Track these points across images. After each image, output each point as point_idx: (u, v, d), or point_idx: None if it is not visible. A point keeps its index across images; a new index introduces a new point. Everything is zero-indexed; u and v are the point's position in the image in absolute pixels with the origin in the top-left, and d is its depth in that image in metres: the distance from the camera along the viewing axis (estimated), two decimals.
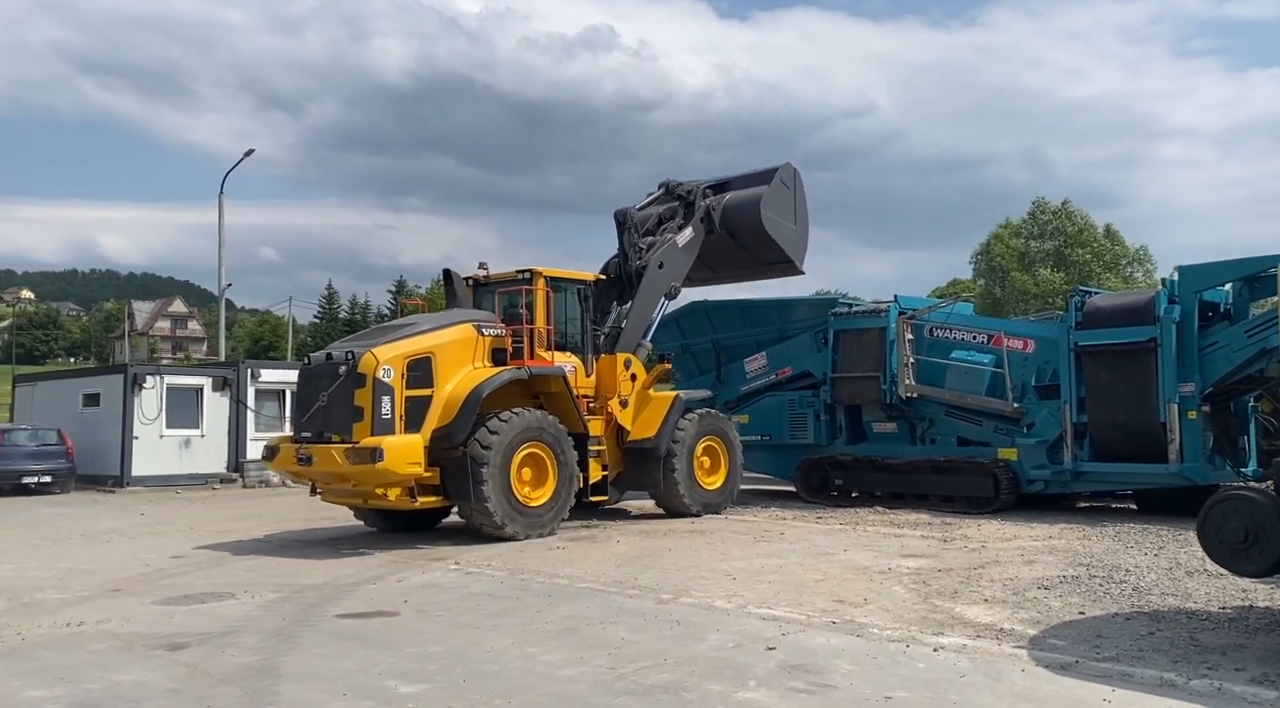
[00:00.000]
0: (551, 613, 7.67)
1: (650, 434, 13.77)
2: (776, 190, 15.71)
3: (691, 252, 15.33)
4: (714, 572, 9.46)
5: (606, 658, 6.26)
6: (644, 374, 14.30)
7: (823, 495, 16.03)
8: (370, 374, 11.11)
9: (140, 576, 9.89)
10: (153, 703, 5.45)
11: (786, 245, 15.95)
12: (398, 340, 11.72)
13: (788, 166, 16.09)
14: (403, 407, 11.24)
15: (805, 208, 16.42)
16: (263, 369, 22.75)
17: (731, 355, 17.85)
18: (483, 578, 9.39)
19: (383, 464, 10.73)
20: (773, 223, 15.62)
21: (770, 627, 7.09)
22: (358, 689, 5.65)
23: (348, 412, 11.16)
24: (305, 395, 11.90)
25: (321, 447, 11.29)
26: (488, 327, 12.50)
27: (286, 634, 7.10)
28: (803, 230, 16.35)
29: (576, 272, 13.80)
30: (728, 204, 15.71)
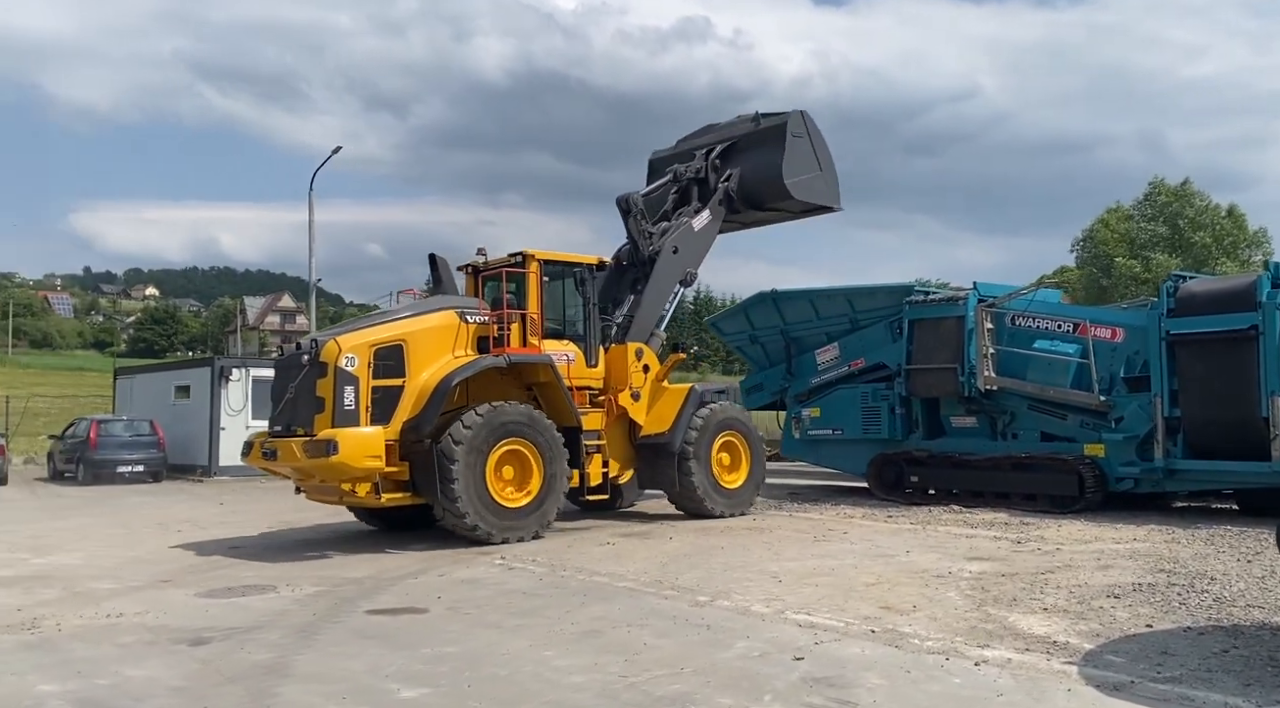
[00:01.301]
0: (581, 614, 7.42)
1: (663, 429, 12.94)
2: (793, 148, 14.49)
3: (710, 234, 14.53)
4: (761, 573, 9.08)
5: (623, 665, 5.98)
6: (658, 365, 13.41)
7: (897, 493, 15.41)
8: (332, 363, 10.47)
9: (193, 566, 10.04)
10: (155, 701, 5.40)
11: (819, 197, 15.03)
12: (366, 328, 11.16)
13: (796, 115, 14.73)
14: (369, 397, 10.57)
15: (825, 146, 15.11)
16: None
17: (802, 346, 17.32)
18: (523, 574, 9.22)
19: (337, 457, 10.07)
20: (800, 186, 14.57)
21: (804, 634, 6.70)
22: (359, 692, 5.50)
23: (311, 403, 10.59)
24: (277, 388, 11.37)
25: (283, 440, 10.76)
26: (472, 313, 11.71)
27: (311, 631, 7.03)
28: (829, 171, 15.13)
29: (576, 255, 12.94)
30: (745, 178, 14.63)
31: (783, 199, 14.79)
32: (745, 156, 14.84)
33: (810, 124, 14.86)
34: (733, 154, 14.94)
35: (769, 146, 14.51)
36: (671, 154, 15.70)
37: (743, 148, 14.92)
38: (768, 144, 14.55)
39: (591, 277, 12.79)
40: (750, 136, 14.83)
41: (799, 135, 14.57)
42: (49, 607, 8.06)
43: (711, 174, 14.70)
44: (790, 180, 14.41)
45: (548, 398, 11.91)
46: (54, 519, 15.09)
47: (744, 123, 15.18)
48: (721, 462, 13.41)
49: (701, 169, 14.71)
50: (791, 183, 14.44)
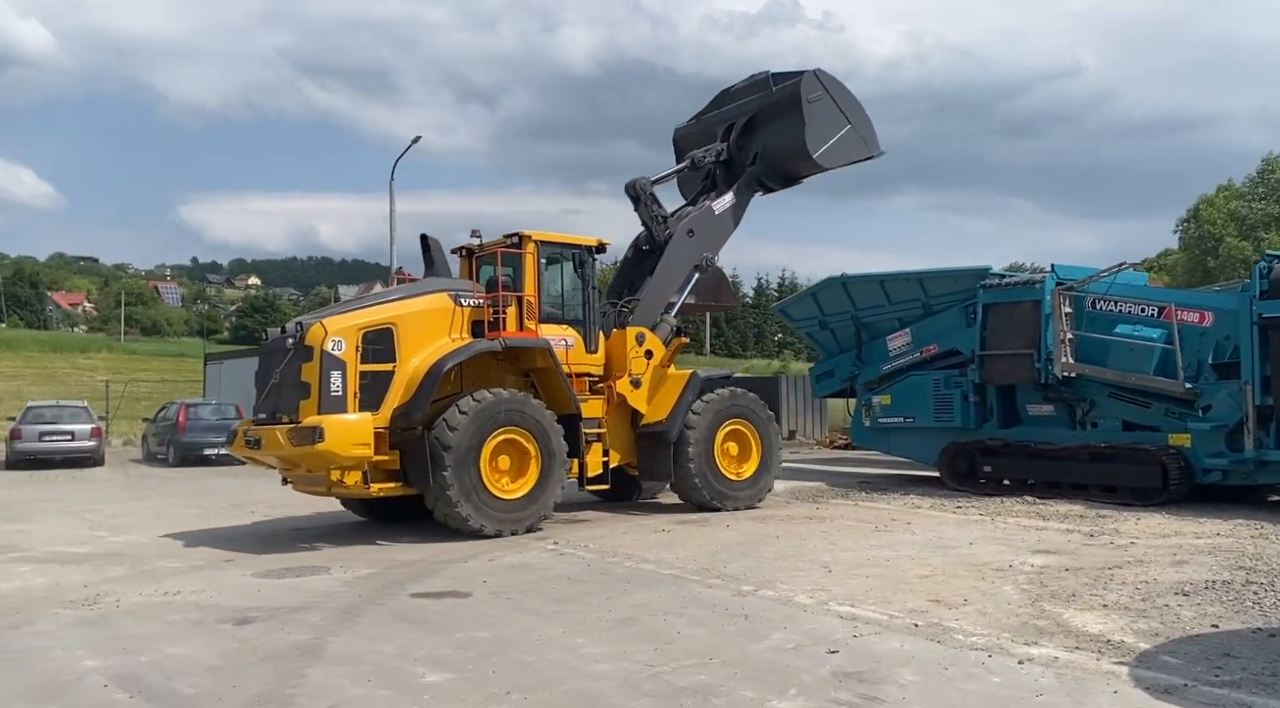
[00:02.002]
0: (620, 601, 7.36)
1: (661, 417, 12.35)
2: (814, 115, 13.68)
3: (732, 219, 13.95)
4: (812, 563, 8.87)
5: (651, 654, 5.88)
6: (662, 350, 12.73)
7: (969, 483, 14.93)
8: (318, 347, 9.98)
9: (258, 547, 10.30)
10: (187, 679, 5.52)
11: (854, 154, 14.35)
12: (354, 310, 10.70)
13: (809, 77, 13.85)
14: (357, 383, 10.10)
15: (847, 95, 14.28)
16: None
17: (873, 332, 16.92)
18: (572, 560, 9.20)
19: (323, 445, 9.58)
20: (830, 153, 13.91)
21: (844, 627, 6.51)
22: (384, 675, 5.53)
23: (296, 389, 10.13)
24: (262, 373, 10.94)
25: (267, 428, 10.31)
26: (466, 296, 11.20)
27: (352, 613, 7.12)
28: (859, 120, 14.32)
29: (575, 236, 12.38)
30: (771, 155, 14.01)
31: (815, 170, 14.30)
32: (766, 130, 14.18)
33: (826, 80, 14.06)
34: (753, 128, 14.29)
35: (789, 117, 13.76)
36: (693, 130, 15.19)
37: (762, 120, 14.23)
38: (787, 114, 13.79)
39: (591, 258, 12.25)
40: (768, 107, 14.11)
41: (816, 98, 13.77)
42: (113, 584, 8.36)
43: (735, 154, 14.20)
44: (818, 152, 13.81)
45: (545, 385, 11.48)
46: (138, 499, 15.70)
47: (758, 86, 14.47)
48: (728, 452, 12.75)
49: (722, 151, 14.21)
50: (820, 154, 13.84)
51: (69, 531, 11.95)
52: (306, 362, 10.03)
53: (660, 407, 12.40)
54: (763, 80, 14.43)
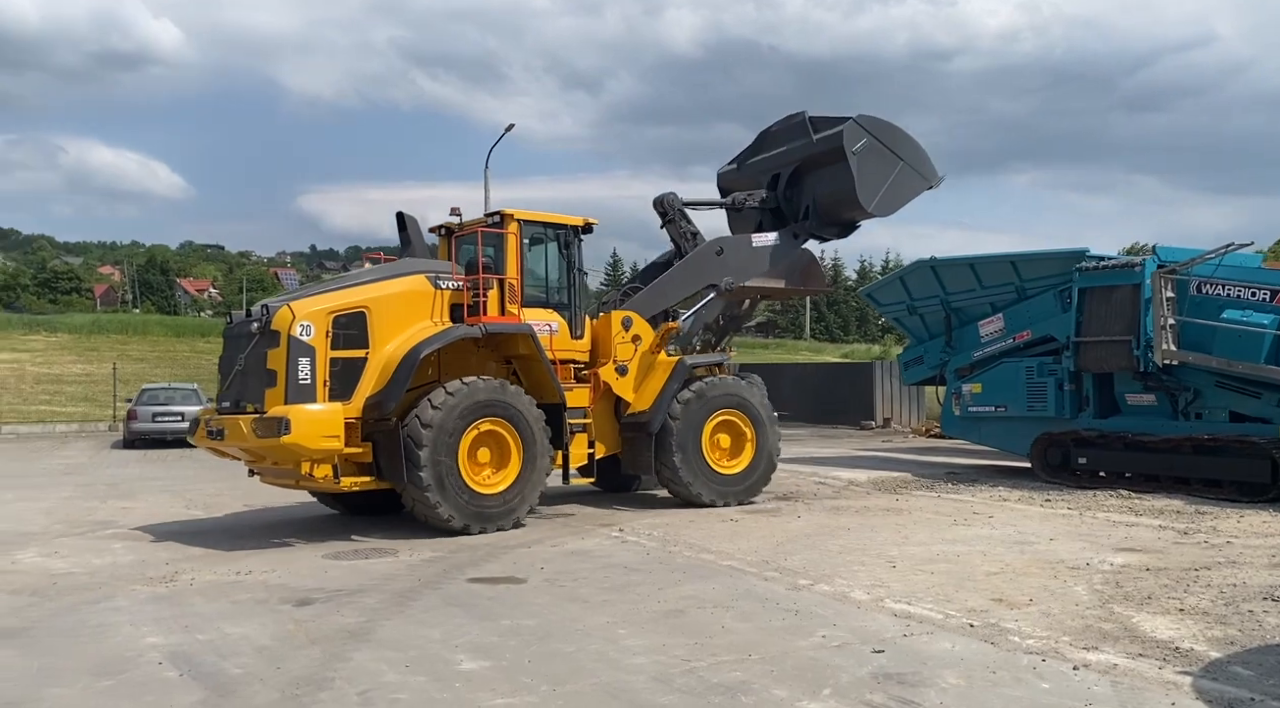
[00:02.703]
0: (672, 592, 7.30)
1: (644, 407, 11.68)
2: (863, 165, 12.98)
3: (770, 258, 13.33)
4: (877, 557, 8.64)
5: (690, 648, 5.81)
6: (651, 335, 12.01)
7: (1063, 476, 14.32)
8: (284, 332, 9.38)
9: (334, 527, 10.60)
10: (237, 659, 5.71)
11: (910, 194, 13.76)
12: (325, 293, 10.08)
13: (851, 128, 13.06)
14: (326, 370, 9.48)
15: (894, 132, 13.51)
16: None
17: (964, 317, 16.35)
18: (633, 548, 9.18)
19: (289, 437, 9.00)
20: (886, 201, 13.35)
21: (895, 625, 6.31)
22: (423, 661, 5.61)
23: (262, 377, 9.54)
24: (227, 359, 10.39)
25: (231, 418, 9.72)
26: (445, 278, 10.54)
27: (408, 596, 7.26)
28: (912, 154, 13.62)
29: (560, 215, 11.62)
30: (823, 206, 13.49)
31: (871, 217, 13.86)
32: (814, 181, 13.60)
33: (869, 124, 13.37)
34: (800, 179, 13.79)
35: (836, 167, 13.14)
36: (736, 174, 14.69)
37: (808, 170, 13.68)
38: (833, 164, 13.17)
39: (577, 239, 11.62)
40: (812, 158, 13.55)
41: (861, 147, 13.07)
42: (193, 561, 8.73)
43: (785, 205, 13.65)
44: (873, 202, 13.24)
45: (528, 372, 10.92)
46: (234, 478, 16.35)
47: (798, 131, 13.80)
48: (719, 444, 12.00)
49: (768, 198, 13.69)
50: (876, 204, 13.29)
51: (166, 508, 12.54)
52: (272, 348, 9.45)
53: (647, 395, 11.76)
54: (800, 124, 13.91)
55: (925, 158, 14.00)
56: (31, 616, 6.85)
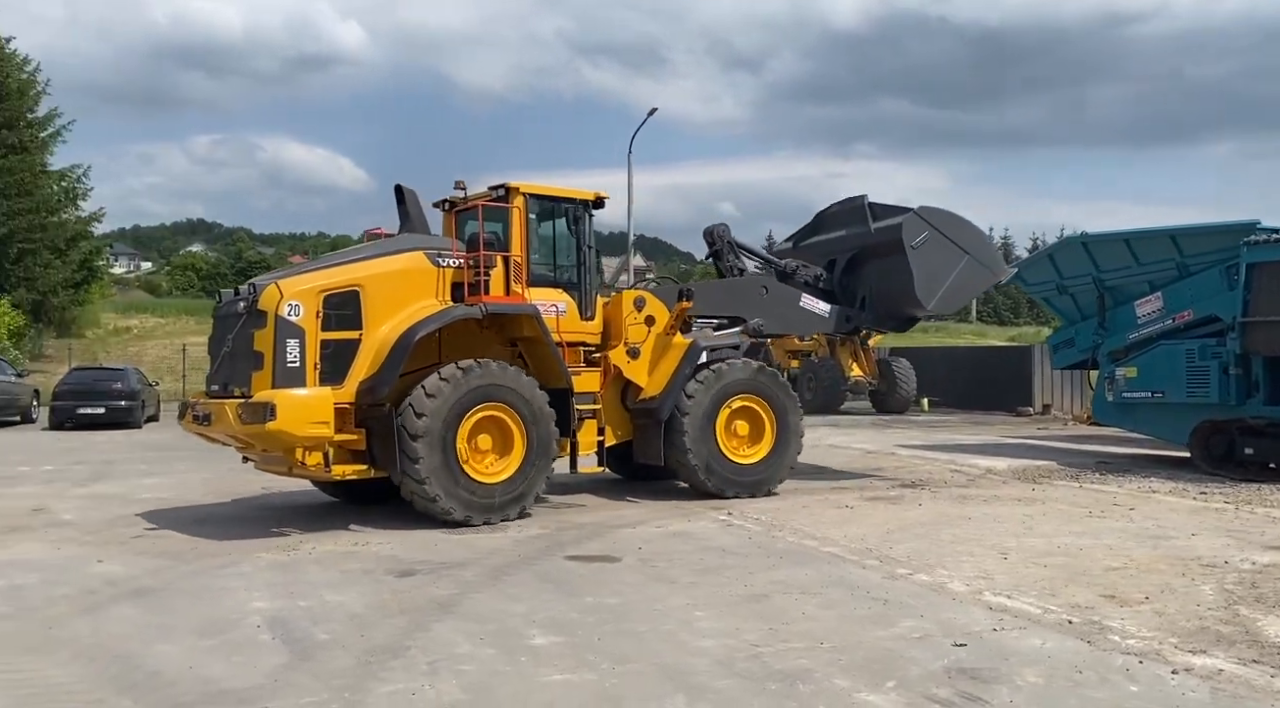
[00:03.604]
0: (762, 577, 7.20)
1: (655, 393, 11.00)
2: (923, 260, 12.03)
3: (811, 322, 12.68)
4: (991, 548, 8.25)
5: (762, 634, 5.73)
6: (665, 315, 11.20)
7: (1227, 467, 13.24)
8: (271, 312, 8.85)
9: None
10: (328, 626, 6.02)
11: (976, 285, 12.94)
12: (316, 271, 9.56)
13: (911, 221, 12.16)
14: (317, 353, 8.97)
15: (957, 223, 12.62)
16: None
17: (1118, 297, 15.31)
18: (736, 532, 9.10)
19: (275, 424, 8.50)
20: (948, 296, 12.45)
21: (988, 619, 6.02)
22: (498, 635, 5.75)
23: (249, 359, 9.04)
24: (215, 340, 9.83)
25: (218, 403, 9.23)
26: (445, 256, 9.94)
27: (504, 571, 7.46)
28: (976, 246, 12.64)
29: (569, 189, 10.92)
30: (880, 300, 12.78)
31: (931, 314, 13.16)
32: (871, 272, 12.84)
33: (930, 216, 12.42)
34: (857, 267, 13.04)
35: (894, 260, 12.25)
36: (792, 256, 13.79)
37: (865, 259, 12.94)
38: (891, 256, 12.30)
39: (588, 214, 10.92)
40: (870, 247, 12.81)
41: (921, 242, 12.12)
42: (320, 531, 9.16)
43: (840, 291, 12.88)
44: (932, 301, 12.34)
45: (534, 355, 10.30)
46: None
47: (856, 216, 13.15)
48: (736, 432, 11.21)
49: (822, 278, 12.87)
50: (936, 302, 12.41)
51: None
52: (259, 328, 8.93)
53: (659, 380, 11.04)
54: (859, 209, 13.23)
55: (992, 249, 13.17)
56: (166, 577, 7.43)
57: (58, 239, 38.46)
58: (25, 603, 6.64)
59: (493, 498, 9.45)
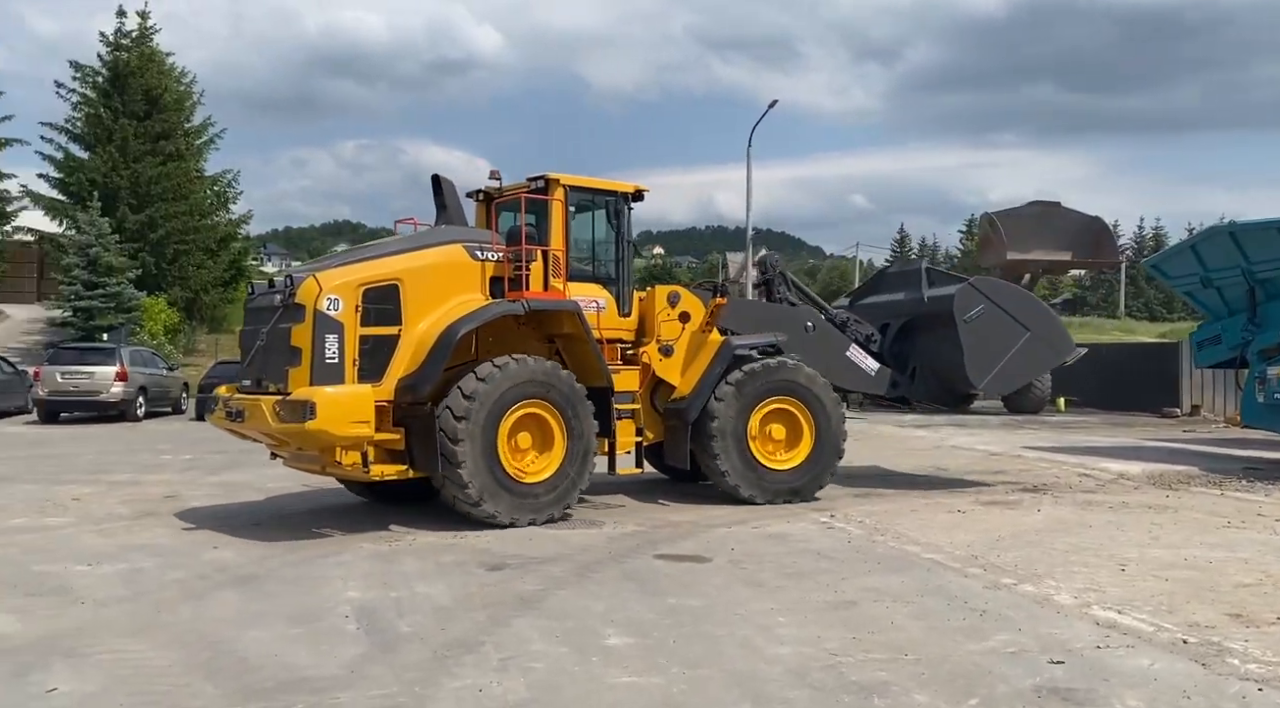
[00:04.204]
0: (854, 583, 6.95)
1: (685, 393, 10.47)
2: (976, 335, 11.12)
3: (857, 378, 11.84)
4: (1110, 559, 7.74)
5: (844, 643, 5.51)
6: (701, 311, 10.69)
7: None
8: (310, 306, 8.56)
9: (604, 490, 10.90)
10: (413, 617, 6.11)
11: (1038, 365, 12.02)
12: (354, 263, 9.20)
13: (964, 292, 11.34)
14: (356, 348, 8.70)
15: (1021, 297, 12.00)
16: None
17: (1271, 290, 14.18)
18: (836, 535, 8.82)
19: (314, 423, 8.21)
20: (1003, 377, 11.44)
21: (1092, 635, 5.62)
22: (573, 633, 5.72)
23: (284, 354, 8.76)
24: (247, 334, 9.57)
25: (252, 399, 8.93)
26: (484, 249, 9.60)
27: (591, 568, 7.43)
28: (1040, 323, 11.59)
29: (608, 181, 10.54)
30: (928, 377, 12.04)
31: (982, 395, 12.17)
32: (923, 343, 12.05)
33: (987, 288, 11.66)
34: (910, 334, 12.26)
35: (946, 331, 11.33)
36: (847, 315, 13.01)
37: (917, 328, 12.16)
38: (943, 327, 11.39)
39: (627, 207, 10.51)
40: (923, 316, 12.05)
41: (975, 316, 11.20)
42: (423, 523, 9.32)
43: (889, 357, 12.06)
44: (983, 381, 11.36)
45: (572, 353, 9.94)
46: None
47: (912, 280, 12.51)
48: (771, 435, 10.58)
49: (874, 339, 12.10)
50: (989, 382, 11.41)
51: None
52: (297, 323, 8.66)
53: (691, 379, 10.55)
54: (916, 273, 12.54)
55: (1058, 327, 12.05)
56: (271, 565, 7.71)
57: (209, 240, 40.81)
58: (141, 587, 7.00)
59: (535, 497, 9.17)
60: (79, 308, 33.01)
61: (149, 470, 13.86)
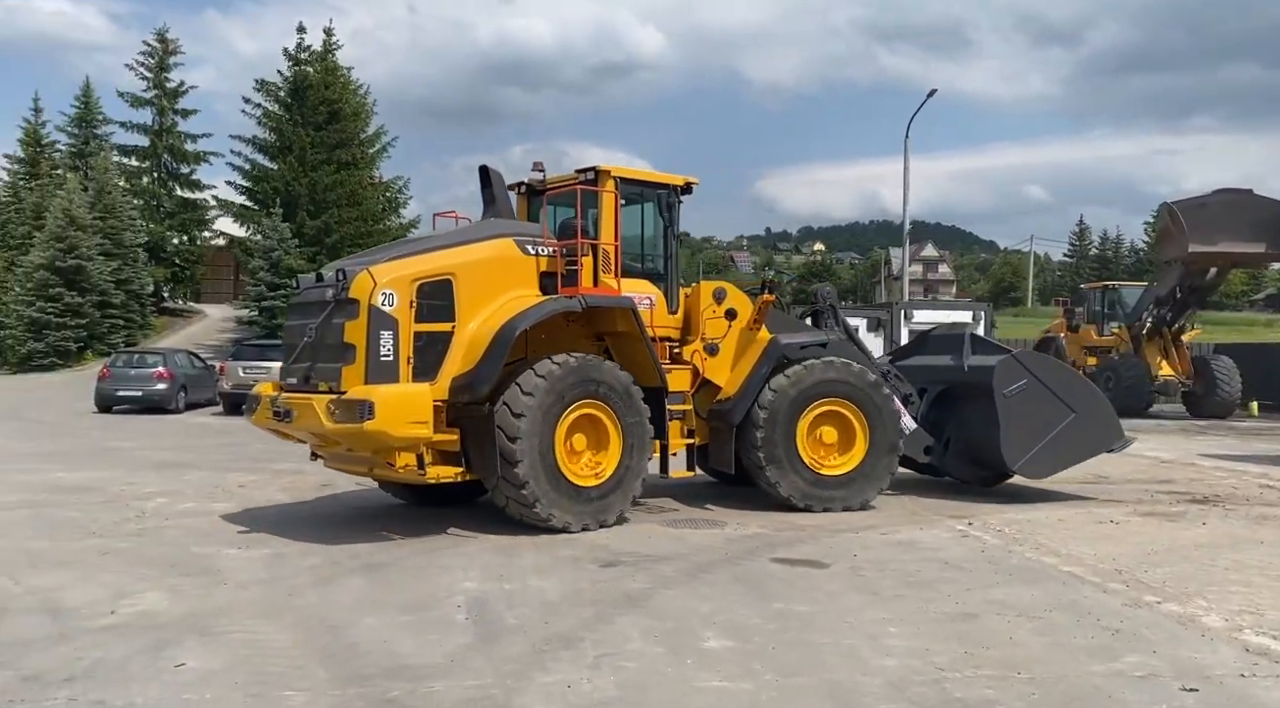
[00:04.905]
0: (979, 594, 6.59)
1: (730, 394, 9.97)
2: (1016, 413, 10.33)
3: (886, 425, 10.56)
4: (1278, 578, 7.04)
5: (955, 657, 5.23)
6: (749, 308, 10.19)
7: None
8: (365, 301, 8.22)
9: (695, 495, 10.86)
10: (521, 610, 6.21)
11: (1081, 451, 10.72)
12: (406, 257, 8.80)
13: (1006, 364, 10.53)
14: (411, 346, 8.36)
15: (1072, 378, 11.12)
16: (915, 310, 22.99)
17: None
18: (970, 544, 8.40)
19: (373, 423, 7.84)
20: (1041, 460, 10.52)
21: (1238, 661, 5.13)
22: (673, 634, 5.67)
23: (336, 351, 8.42)
24: (292, 331, 9.21)
25: (302, 398, 8.56)
26: (534, 243, 9.25)
27: (703, 569, 7.36)
28: (1088, 404, 10.70)
29: (659, 173, 10.14)
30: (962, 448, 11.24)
31: None
32: (961, 410, 11.28)
33: (1032, 363, 10.86)
34: (947, 401, 11.49)
35: (983, 403, 10.57)
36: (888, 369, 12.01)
37: (954, 396, 11.40)
38: (981, 399, 10.63)
39: (677, 201, 10.12)
40: (961, 385, 11.25)
41: (1016, 390, 10.40)
42: None
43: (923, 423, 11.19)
44: (1019, 462, 10.48)
45: (624, 352, 9.47)
46: None
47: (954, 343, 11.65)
48: (821, 439, 10.03)
49: (914, 401, 11.21)
50: (1024, 463, 10.50)
51: None
52: (351, 319, 8.33)
53: (738, 380, 10.06)
54: (958, 338, 11.67)
55: (1108, 413, 10.99)
56: (399, 553, 8.02)
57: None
58: (279, 571, 7.41)
59: (590, 501, 8.82)
60: (263, 307, 35.52)
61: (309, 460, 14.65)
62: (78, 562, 7.63)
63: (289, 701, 4.68)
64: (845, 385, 10.04)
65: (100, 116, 46.63)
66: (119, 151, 44.99)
